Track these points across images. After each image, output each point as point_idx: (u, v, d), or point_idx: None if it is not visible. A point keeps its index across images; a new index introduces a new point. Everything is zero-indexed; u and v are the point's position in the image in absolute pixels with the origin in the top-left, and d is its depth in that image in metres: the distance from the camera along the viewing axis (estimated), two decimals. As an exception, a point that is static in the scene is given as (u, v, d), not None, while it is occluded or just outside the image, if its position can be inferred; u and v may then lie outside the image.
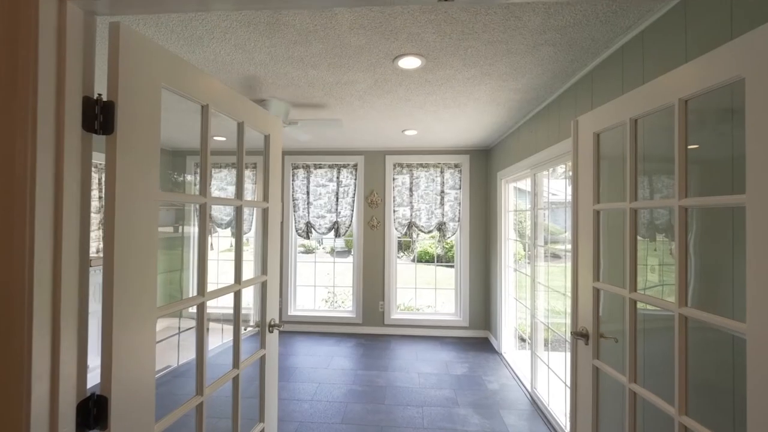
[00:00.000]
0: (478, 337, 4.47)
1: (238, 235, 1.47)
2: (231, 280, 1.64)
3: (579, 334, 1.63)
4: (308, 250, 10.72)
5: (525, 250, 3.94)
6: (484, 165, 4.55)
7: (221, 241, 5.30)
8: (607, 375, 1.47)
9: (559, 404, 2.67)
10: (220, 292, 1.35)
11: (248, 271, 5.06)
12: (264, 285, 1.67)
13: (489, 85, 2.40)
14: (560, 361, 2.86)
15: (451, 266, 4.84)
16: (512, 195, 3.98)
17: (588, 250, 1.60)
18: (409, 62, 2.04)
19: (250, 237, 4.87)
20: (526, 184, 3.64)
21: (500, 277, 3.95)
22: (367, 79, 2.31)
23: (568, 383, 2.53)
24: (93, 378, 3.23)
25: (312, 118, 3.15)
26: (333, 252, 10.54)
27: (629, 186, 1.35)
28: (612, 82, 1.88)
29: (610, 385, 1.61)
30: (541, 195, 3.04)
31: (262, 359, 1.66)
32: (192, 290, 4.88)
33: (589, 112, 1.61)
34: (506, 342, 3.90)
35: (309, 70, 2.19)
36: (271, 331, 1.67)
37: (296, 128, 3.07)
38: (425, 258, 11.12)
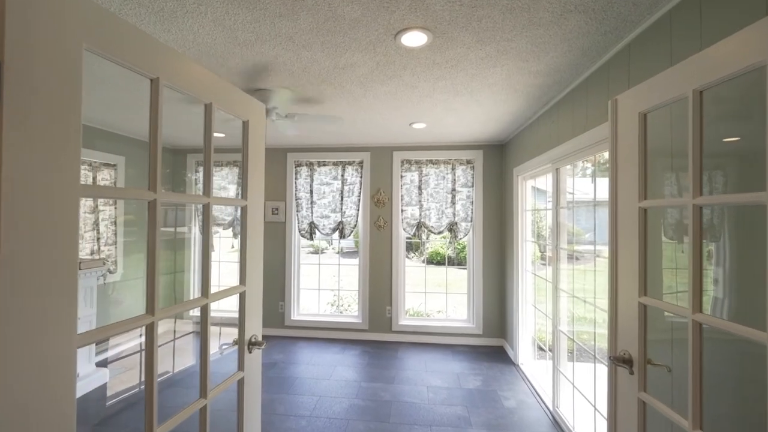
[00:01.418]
0: (492, 345, 4.16)
1: (205, 239, 1.23)
2: (235, 281, 1.44)
3: (620, 360, 1.34)
4: (318, 251, 10.51)
5: (540, 251, 3.63)
6: (498, 161, 4.24)
7: (222, 242, 5.10)
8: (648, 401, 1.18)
9: (587, 429, 2.36)
10: (179, 309, 1.11)
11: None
12: (242, 296, 1.43)
13: (506, 66, 2.11)
14: (586, 373, 2.55)
15: (464, 268, 4.54)
16: (530, 193, 3.66)
17: (631, 258, 1.31)
18: (414, 38, 1.77)
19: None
20: (545, 182, 3.33)
21: (517, 281, 3.64)
22: (367, 61, 2.05)
23: (598, 406, 2.22)
24: (83, 387, 3.07)
25: (306, 112, 2.90)
26: (341, 252, 10.29)
27: (693, 177, 1.05)
28: (656, 57, 1.58)
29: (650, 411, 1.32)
30: (565, 192, 2.73)
31: (240, 383, 1.42)
32: (194, 292, 4.71)
33: (633, 88, 1.31)
34: (523, 352, 3.59)
35: (301, 51, 1.95)
36: (250, 351, 1.42)
37: (286, 123, 2.83)
38: (436, 259, 10.79)
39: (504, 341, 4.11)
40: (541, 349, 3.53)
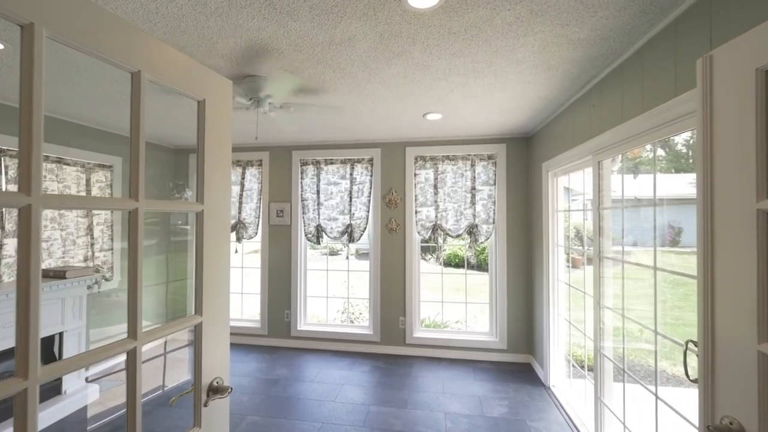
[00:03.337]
0: (518, 362, 3.72)
1: (132, 257, 0.90)
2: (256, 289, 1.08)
3: (723, 431, 0.92)
4: (333, 252, 10.23)
5: (565, 253, 3.17)
6: (524, 155, 3.80)
7: (245, 245, 4.78)
8: None
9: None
10: (72, 366, 0.78)
11: (253, 285, 4.48)
12: (198, 330, 1.09)
13: (540, 35, 1.70)
14: (636, 398, 2.11)
15: (485, 272, 4.12)
16: (562, 191, 3.21)
17: (742, 284, 0.89)
18: (424, -5, 1.40)
19: (257, 241, 4.39)
20: (581, 181, 2.88)
21: (547, 290, 3.20)
22: (368, 32, 1.69)
23: (660, 457, 1.77)
24: (71, 404, 2.84)
25: (304, 102, 2.56)
26: (357, 254, 9.97)
27: None
28: (760, 2, 1.15)
29: None
30: (609, 189, 2.29)
31: (197, 444, 1.08)
32: (190, 307, 4.45)
33: (743, 36, 0.90)
34: (555, 373, 3.15)
35: (287, 21, 1.60)
36: (206, 404, 1.08)
37: (282, 114, 2.50)
38: (454, 261, 10.31)
39: (532, 358, 3.66)
40: (574, 366, 3.08)
